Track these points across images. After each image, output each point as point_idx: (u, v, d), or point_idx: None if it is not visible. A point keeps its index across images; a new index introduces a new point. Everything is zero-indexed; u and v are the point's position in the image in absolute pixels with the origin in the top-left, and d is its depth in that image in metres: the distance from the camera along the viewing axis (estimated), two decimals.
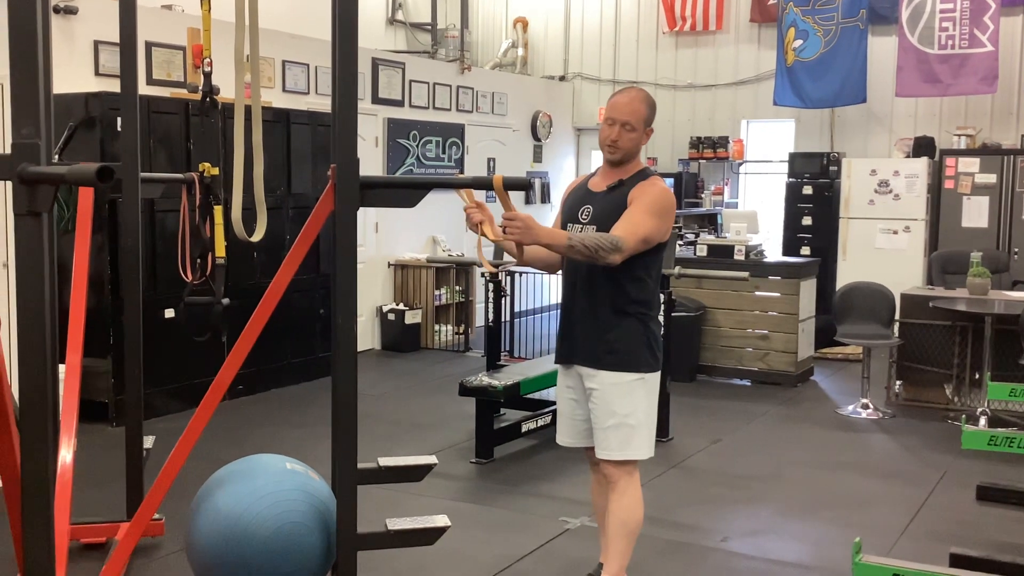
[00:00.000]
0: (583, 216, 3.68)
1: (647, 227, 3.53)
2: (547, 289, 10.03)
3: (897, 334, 7.23)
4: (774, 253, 9.07)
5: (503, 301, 7.09)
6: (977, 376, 6.87)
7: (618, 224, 3.51)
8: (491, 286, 6.82)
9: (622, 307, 3.60)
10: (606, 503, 3.75)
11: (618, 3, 11.73)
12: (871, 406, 6.96)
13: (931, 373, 7.10)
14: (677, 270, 6.20)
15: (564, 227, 3.72)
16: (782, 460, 5.88)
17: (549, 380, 6.25)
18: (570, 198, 3.81)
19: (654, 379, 3.68)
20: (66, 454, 3.76)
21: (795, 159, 10.18)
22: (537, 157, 11.66)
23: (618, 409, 3.60)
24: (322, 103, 8.29)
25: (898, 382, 7.26)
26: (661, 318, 6.05)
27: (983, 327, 6.69)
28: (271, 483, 3.27)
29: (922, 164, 9.39)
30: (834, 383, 8.06)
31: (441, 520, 3.41)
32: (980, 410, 6.62)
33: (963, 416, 5.36)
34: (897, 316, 7.28)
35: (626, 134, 3.66)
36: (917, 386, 7.19)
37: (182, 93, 6.94)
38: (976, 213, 9.25)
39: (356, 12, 3.01)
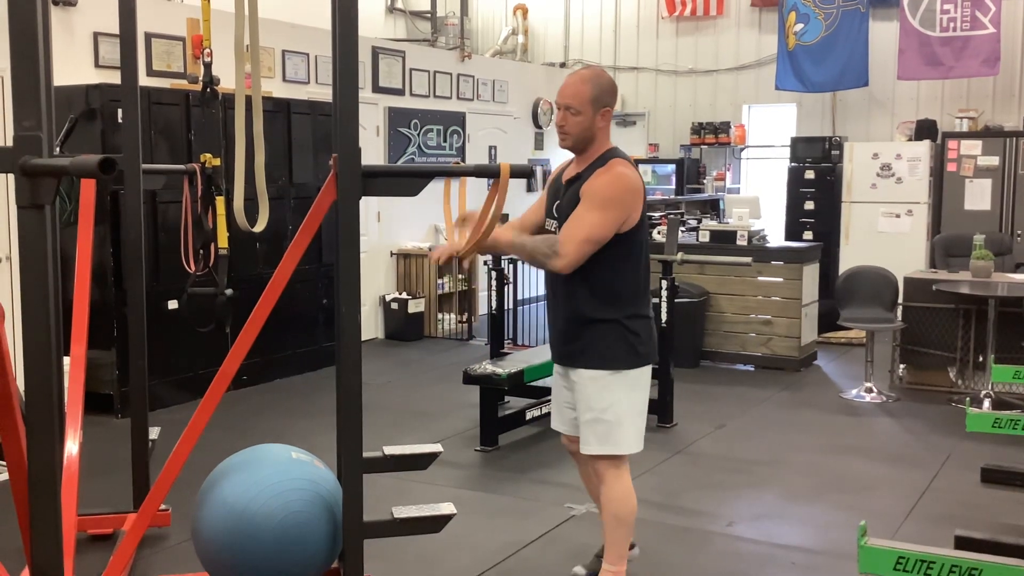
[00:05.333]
0: (555, 210, 3.64)
1: (587, 226, 3.40)
2: None
3: (900, 318, 7.22)
4: (776, 238, 9.06)
5: (506, 289, 7.09)
6: (981, 359, 6.86)
7: (570, 221, 3.45)
8: (494, 274, 6.82)
9: (591, 313, 3.53)
10: (596, 486, 3.78)
11: None
12: (875, 390, 6.96)
13: (935, 356, 7.09)
14: (680, 256, 6.20)
15: (547, 216, 3.71)
16: (786, 445, 5.89)
17: (552, 368, 6.25)
18: (551, 187, 3.75)
19: (637, 374, 3.59)
20: (72, 446, 3.77)
21: (797, 144, 10.16)
22: (538, 144, 11.64)
23: (594, 404, 3.56)
24: (323, 92, 8.28)
25: (902, 366, 7.26)
26: (664, 304, 6.10)
27: (986, 310, 6.68)
28: (277, 473, 3.28)
29: (924, 147, 9.37)
30: (838, 367, 8.07)
31: (447, 508, 3.41)
32: (984, 393, 6.62)
33: (967, 399, 5.35)
34: (900, 300, 7.27)
35: (571, 118, 3.50)
36: (921, 369, 7.19)
37: (182, 84, 6.94)
38: (979, 196, 9.23)
39: (356, 1, 3.00)
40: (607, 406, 3.55)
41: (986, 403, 6.47)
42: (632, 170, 3.54)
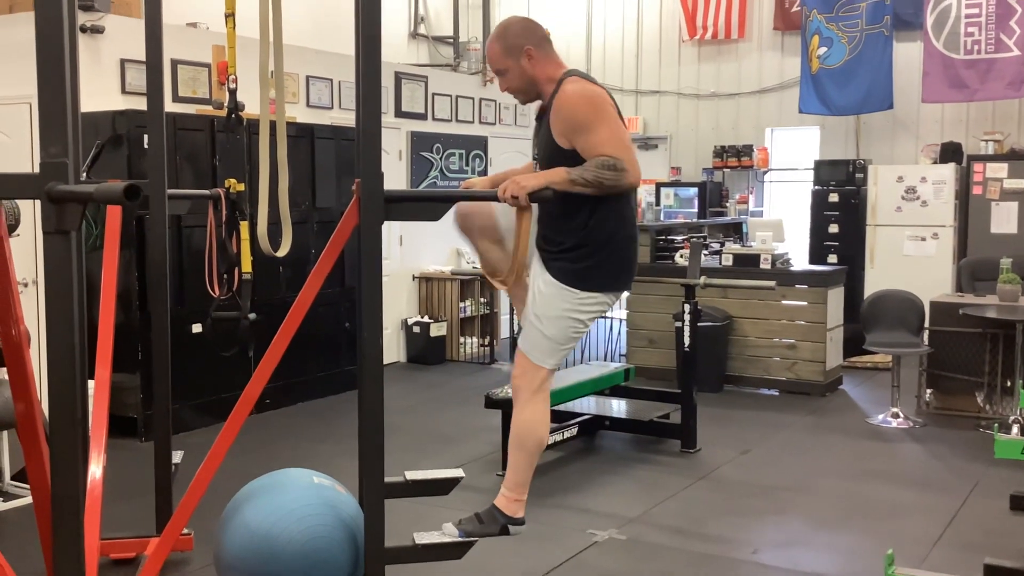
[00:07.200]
0: (535, 153, 3.68)
1: (613, 135, 3.42)
2: None
3: (927, 342, 7.15)
4: (800, 262, 9.00)
5: None
6: (1009, 384, 6.78)
7: (591, 151, 3.40)
8: None
9: (563, 236, 3.55)
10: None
11: (640, 13, 11.73)
12: (901, 415, 6.89)
13: (962, 381, 7.01)
14: (703, 280, 6.17)
15: (533, 158, 3.73)
16: (812, 470, 5.82)
17: (575, 392, 6.23)
18: (535, 130, 3.79)
19: (584, 297, 3.59)
20: (96, 469, 3.78)
21: (820, 167, 10.12)
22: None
23: (539, 310, 3.62)
24: (346, 117, 8.33)
25: (928, 390, 7.18)
26: (687, 328, 6.07)
27: (1014, 334, 6.60)
28: (299, 498, 3.28)
29: (949, 170, 9.30)
30: (863, 392, 7.99)
31: None
32: (1012, 418, 6.53)
33: (995, 424, 5.28)
34: (926, 324, 7.20)
35: (503, 78, 3.63)
36: (948, 394, 7.11)
37: (208, 110, 7.00)
38: (1005, 219, 9.14)
39: (379, 27, 3.02)
40: (552, 316, 3.56)
41: (1015, 429, 6.38)
42: (584, 82, 3.56)
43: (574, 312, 3.59)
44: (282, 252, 3.70)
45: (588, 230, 3.52)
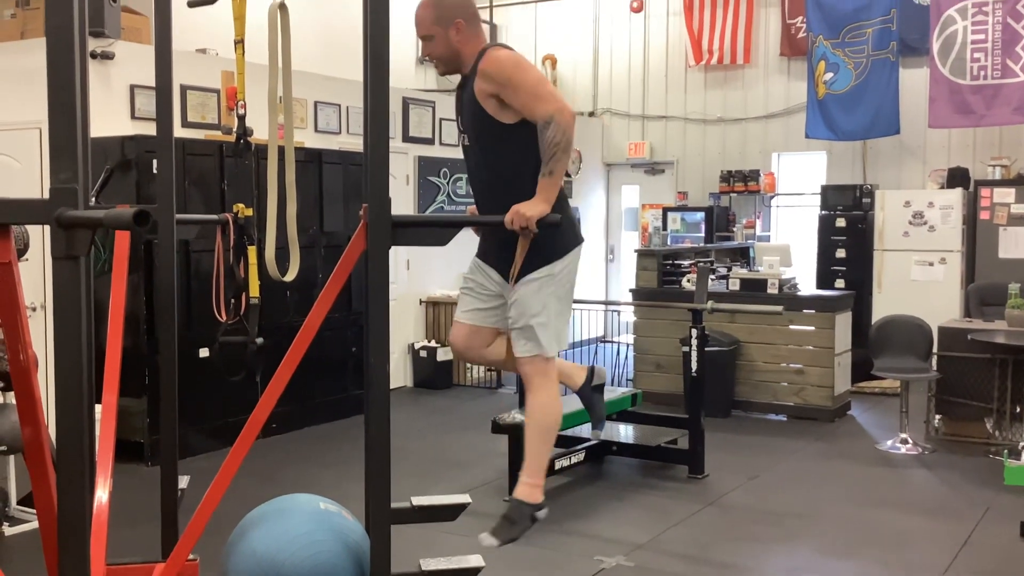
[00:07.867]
0: (461, 126, 3.70)
1: (535, 86, 3.42)
2: (580, 323, 10.00)
3: (935, 367, 7.13)
4: (808, 286, 8.99)
5: None
6: (1018, 409, 6.74)
7: (528, 108, 3.41)
8: None
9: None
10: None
11: (646, 38, 11.79)
12: (910, 441, 6.85)
13: (971, 407, 6.98)
14: (710, 305, 6.16)
15: (459, 133, 3.75)
16: (820, 497, 5.79)
17: (582, 416, 6.19)
18: (456, 108, 3.80)
19: (564, 263, 3.59)
20: (102, 494, 3.77)
21: (827, 191, 10.13)
22: (568, 192, 11.66)
23: (529, 308, 3.59)
24: (354, 142, 8.37)
25: (937, 416, 7.15)
26: (694, 353, 6.06)
27: (1023, 360, 6.58)
28: (305, 523, 3.26)
29: (957, 195, 9.30)
30: (872, 418, 7.95)
31: (475, 560, 3.38)
32: (1022, 444, 6.49)
33: (1005, 451, 5.26)
34: (935, 349, 7.18)
35: (429, 45, 3.61)
36: (957, 420, 7.08)
37: (216, 135, 7.05)
38: (1013, 244, 9.13)
39: (387, 53, 3.03)
40: (541, 309, 3.54)
41: None
42: (505, 49, 3.58)
43: (560, 289, 3.61)
44: (290, 277, 3.70)
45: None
